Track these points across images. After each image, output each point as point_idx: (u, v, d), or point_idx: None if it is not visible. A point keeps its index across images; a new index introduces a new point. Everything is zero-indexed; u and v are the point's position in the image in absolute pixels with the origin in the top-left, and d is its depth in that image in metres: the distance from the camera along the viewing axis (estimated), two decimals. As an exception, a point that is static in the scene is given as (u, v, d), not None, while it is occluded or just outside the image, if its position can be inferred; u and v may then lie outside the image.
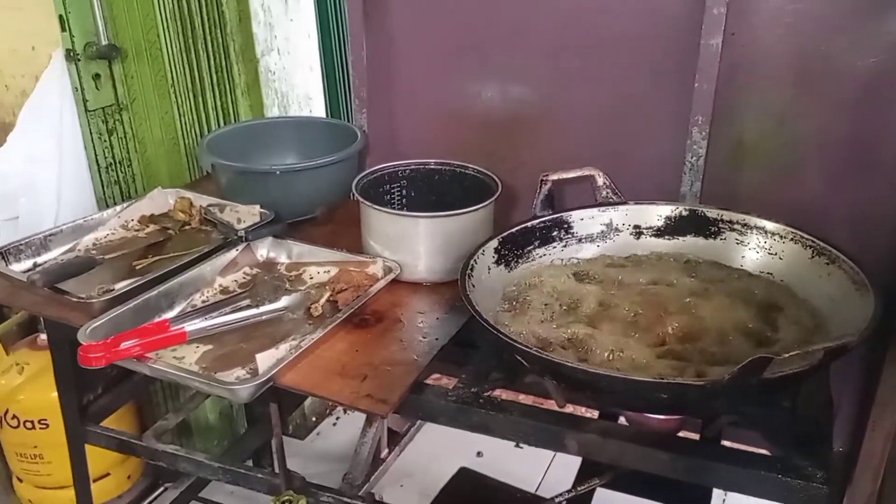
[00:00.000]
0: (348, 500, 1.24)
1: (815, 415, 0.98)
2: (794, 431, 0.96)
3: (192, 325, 1.13)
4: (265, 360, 1.05)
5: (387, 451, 2.10)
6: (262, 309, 1.20)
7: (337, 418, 2.40)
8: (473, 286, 1.15)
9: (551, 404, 1.07)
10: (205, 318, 1.17)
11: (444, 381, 1.15)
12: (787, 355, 0.81)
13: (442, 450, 2.10)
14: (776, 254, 1.24)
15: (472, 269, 1.17)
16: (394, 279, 1.29)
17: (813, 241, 1.18)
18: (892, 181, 1.29)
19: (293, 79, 1.98)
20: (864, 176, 1.33)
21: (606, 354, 1.05)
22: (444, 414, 1.06)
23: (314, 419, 2.37)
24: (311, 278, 1.33)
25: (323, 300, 1.24)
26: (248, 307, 1.21)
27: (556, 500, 1.17)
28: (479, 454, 2.09)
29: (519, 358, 1.01)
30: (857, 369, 1.35)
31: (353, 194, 1.36)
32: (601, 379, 0.91)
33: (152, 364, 1.06)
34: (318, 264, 1.35)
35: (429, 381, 1.12)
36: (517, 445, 1.03)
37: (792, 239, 1.22)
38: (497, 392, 1.11)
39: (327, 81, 2.09)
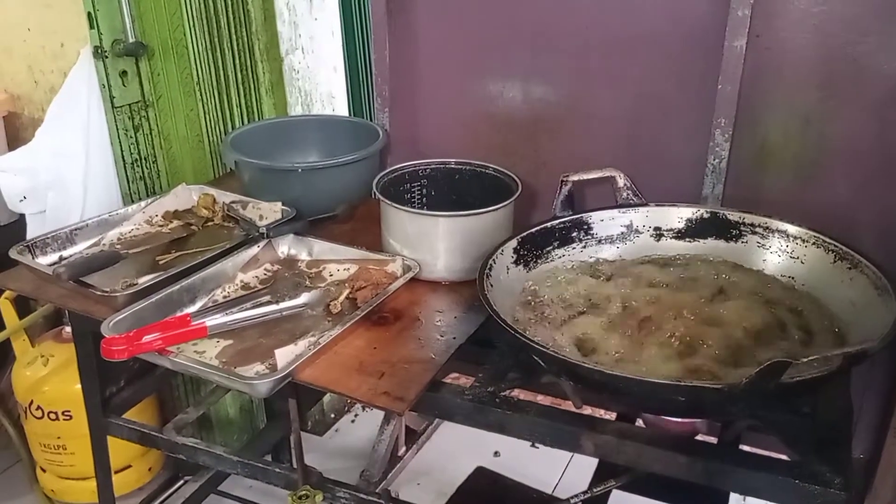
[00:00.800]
0: (364, 497, 1.24)
1: (834, 420, 0.97)
2: (813, 437, 0.95)
3: (213, 320, 1.14)
4: (284, 355, 1.06)
5: (404, 448, 2.12)
6: (282, 305, 1.21)
7: (355, 415, 2.41)
8: (492, 286, 1.15)
9: (569, 405, 1.08)
10: (226, 313, 1.18)
11: (462, 380, 1.15)
12: (805, 360, 0.80)
13: (459, 449, 2.11)
14: (798, 258, 1.23)
15: (490, 269, 1.17)
16: (413, 278, 1.29)
17: (835, 246, 1.17)
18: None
19: (317, 77, 2.00)
20: (891, 181, 1.32)
21: (623, 356, 1.05)
22: (460, 412, 1.07)
23: (333, 416, 2.38)
24: (331, 276, 1.34)
25: (342, 297, 1.24)
26: (269, 303, 1.22)
27: (572, 501, 1.17)
28: (496, 454, 2.09)
29: (536, 358, 1.02)
30: (880, 375, 1.34)
31: (374, 193, 1.37)
32: (618, 381, 0.91)
33: (173, 358, 1.08)
34: (338, 262, 1.36)
35: (446, 380, 1.13)
36: (533, 445, 1.02)
37: (814, 243, 1.21)
38: (514, 392, 1.11)
39: (351, 80, 2.10)
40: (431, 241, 1.30)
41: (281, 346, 1.10)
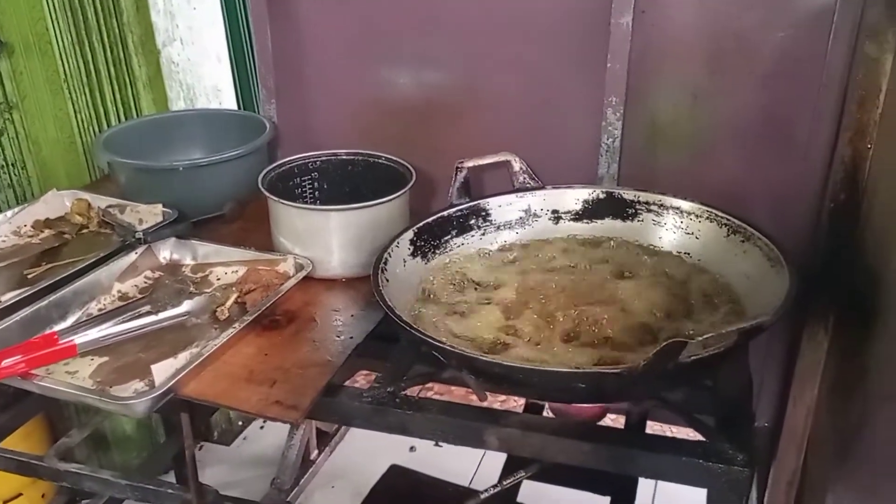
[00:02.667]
0: (266, 512, 1.17)
1: (735, 395, 0.97)
2: (716, 413, 0.94)
3: (83, 337, 1.05)
4: (162, 370, 0.98)
5: (316, 452, 2.05)
6: (162, 315, 1.13)
7: (264, 422, 2.32)
8: (387, 280, 1.10)
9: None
10: (100, 327, 1.09)
11: (372, 376, 1.09)
12: (700, 339, 0.79)
13: (373, 447, 2.05)
14: (692, 233, 1.23)
15: (385, 263, 1.12)
16: (307, 276, 1.23)
17: (728, 219, 1.18)
18: (806, 158, 1.29)
19: (199, 70, 1.89)
20: (779, 153, 1.33)
21: (524, 344, 1.02)
22: (359, 416, 1.01)
23: (241, 423, 2.29)
24: (218, 280, 1.26)
25: (229, 302, 1.17)
26: (148, 314, 1.14)
27: (482, 495, 1.14)
28: (412, 449, 2.05)
29: (435, 353, 0.97)
30: (778, 344, 1.36)
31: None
32: (516, 372, 0.88)
33: (39, 381, 0.98)
34: (226, 265, 1.28)
35: (356, 378, 1.07)
36: (437, 444, 0.98)
37: (707, 217, 1.21)
38: (417, 388, 1.06)
39: (237, 71, 2.01)
40: (324, 237, 1.24)
41: (161, 359, 1.02)
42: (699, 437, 0.94)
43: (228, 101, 2.01)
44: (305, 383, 1.01)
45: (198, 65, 1.88)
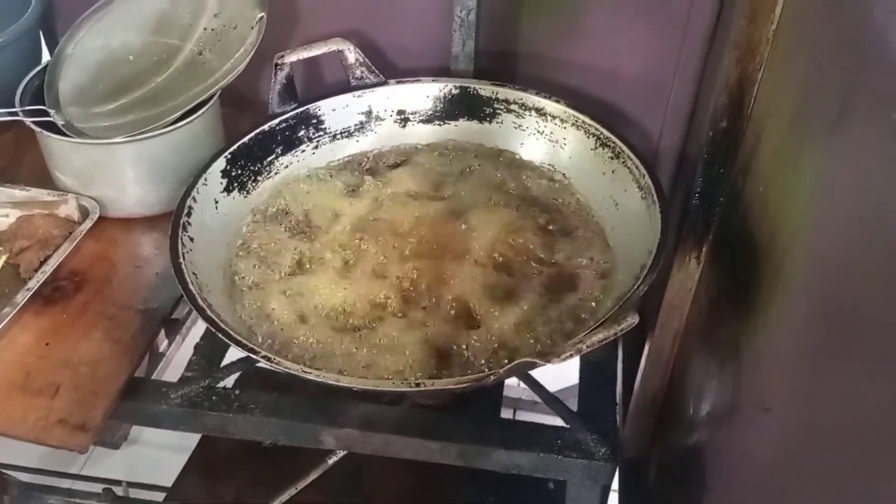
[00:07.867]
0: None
1: (599, 369, 0.87)
2: (581, 389, 0.85)
3: None
4: None
5: (166, 342, 1.89)
6: None
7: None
8: (192, 240, 0.89)
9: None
10: None
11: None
12: (558, 359, 0.65)
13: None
14: (557, 141, 1.06)
15: (189, 215, 0.91)
16: (100, 216, 1.00)
17: (596, 129, 1.02)
18: (685, 31, 1.11)
19: None
20: (656, 23, 1.15)
21: (360, 326, 0.86)
22: (167, 420, 0.85)
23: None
24: (-14, 228, 1.01)
25: (-3, 269, 0.94)
26: None
27: (329, 460, 1.02)
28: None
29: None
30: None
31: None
32: (343, 390, 0.73)
33: None
34: (-7, 207, 1.02)
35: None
36: (265, 444, 0.86)
37: (574, 124, 1.05)
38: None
39: None
40: (112, 174, 0.99)
41: None
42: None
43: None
44: (97, 387, 0.83)
45: None
